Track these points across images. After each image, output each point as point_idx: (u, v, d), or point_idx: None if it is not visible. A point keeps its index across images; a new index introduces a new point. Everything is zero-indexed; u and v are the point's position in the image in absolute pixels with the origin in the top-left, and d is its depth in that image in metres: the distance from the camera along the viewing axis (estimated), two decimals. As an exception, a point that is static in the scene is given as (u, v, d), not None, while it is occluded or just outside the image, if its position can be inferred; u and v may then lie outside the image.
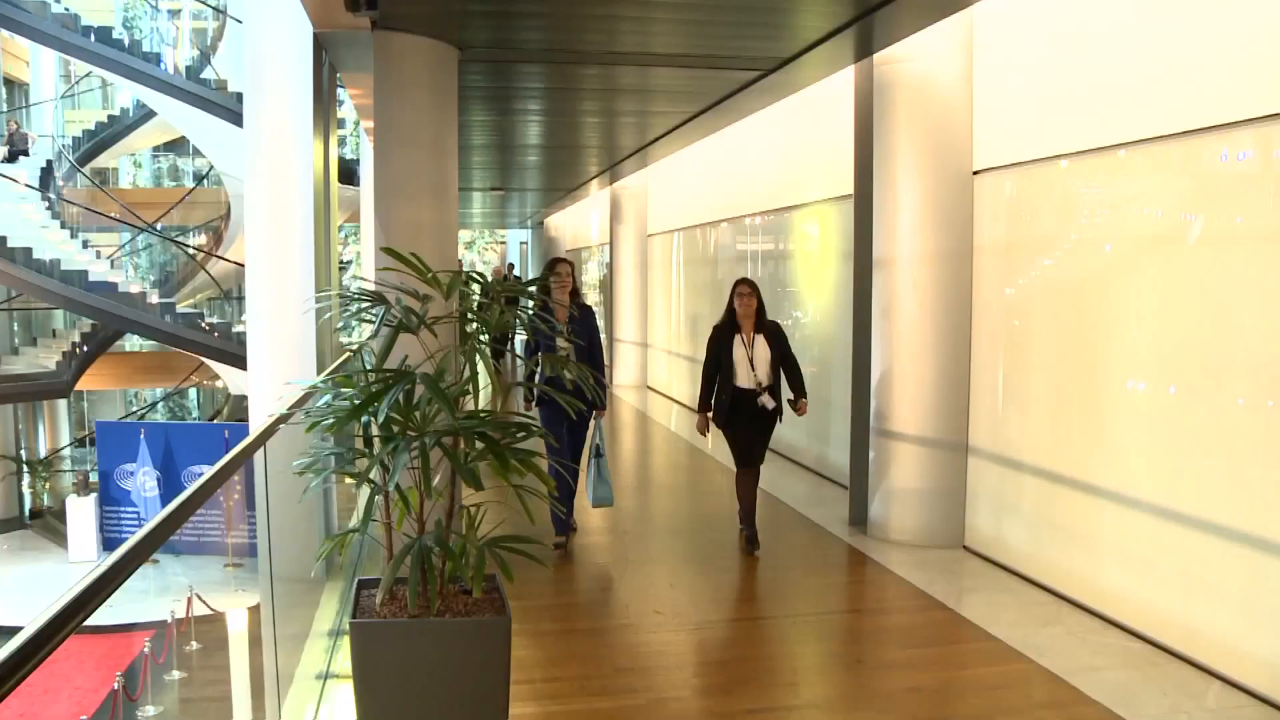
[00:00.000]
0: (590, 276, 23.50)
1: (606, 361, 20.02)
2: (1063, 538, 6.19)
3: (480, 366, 4.16)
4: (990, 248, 6.89)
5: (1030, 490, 6.53)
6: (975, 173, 6.96)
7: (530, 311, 5.33)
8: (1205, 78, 5.09)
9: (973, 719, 4.62)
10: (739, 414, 7.01)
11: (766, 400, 6.95)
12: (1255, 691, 4.74)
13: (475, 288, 4.47)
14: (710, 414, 7.17)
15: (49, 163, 21.80)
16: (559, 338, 6.64)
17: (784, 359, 7.08)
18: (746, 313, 7.02)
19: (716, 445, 11.98)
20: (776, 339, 7.07)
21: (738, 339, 6.99)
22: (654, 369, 17.31)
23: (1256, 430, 4.82)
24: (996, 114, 6.79)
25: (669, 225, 16.10)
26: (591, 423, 7.25)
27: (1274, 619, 4.71)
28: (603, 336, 24.50)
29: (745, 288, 7.05)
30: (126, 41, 18.81)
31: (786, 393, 7.12)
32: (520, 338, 7.95)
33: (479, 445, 3.77)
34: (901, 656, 5.31)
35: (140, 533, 2.44)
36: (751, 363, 6.96)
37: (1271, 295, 4.73)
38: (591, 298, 23.49)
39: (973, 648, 5.46)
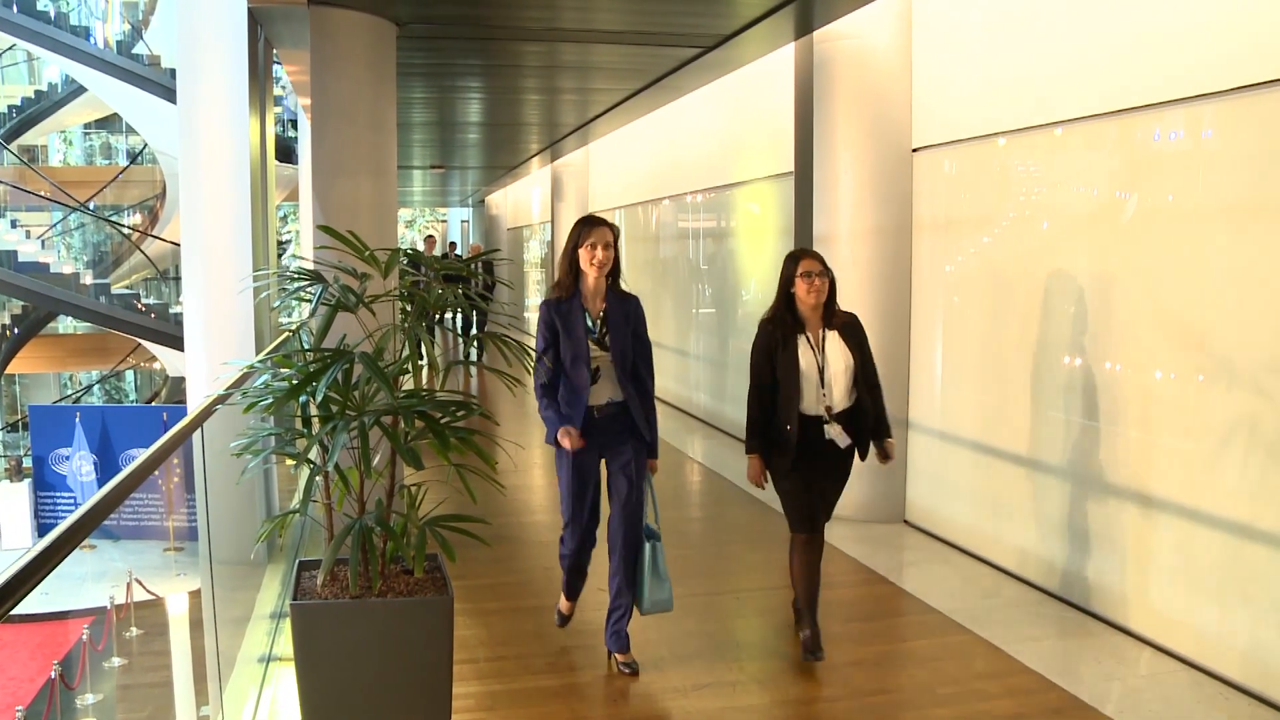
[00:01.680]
0: (532, 255, 23.37)
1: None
2: (1001, 511, 6.28)
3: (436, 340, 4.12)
4: (929, 224, 6.95)
5: (969, 465, 6.62)
6: (914, 150, 7.01)
7: (481, 297, 5.07)
8: (1139, 58, 5.16)
9: (914, 691, 4.68)
10: (803, 455, 4.79)
11: (837, 433, 4.78)
12: (1183, 657, 4.86)
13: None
14: (764, 456, 4.94)
15: (-28, 139, 21.28)
16: (591, 343, 4.59)
17: (864, 369, 4.88)
18: (816, 302, 4.76)
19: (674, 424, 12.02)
20: (855, 338, 4.86)
21: (802, 341, 4.75)
22: (597, 347, 17.27)
23: (1187, 404, 4.92)
24: (935, 91, 6.84)
25: (611, 203, 16.06)
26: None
27: (1199, 586, 4.82)
28: (533, 314, 24.45)
29: (813, 263, 4.76)
30: (53, 14, 18.34)
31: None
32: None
33: (419, 424, 3.75)
34: (843, 630, 5.36)
35: (71, 518, 2.39)
36: (823, 376, 4.73)
37: (1200, 271, 4.83)
38: (533, 276, 23.25)
39: (913, 620, 5.53)
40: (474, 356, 17.13)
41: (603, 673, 4.83)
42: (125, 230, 22.34)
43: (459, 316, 18.52)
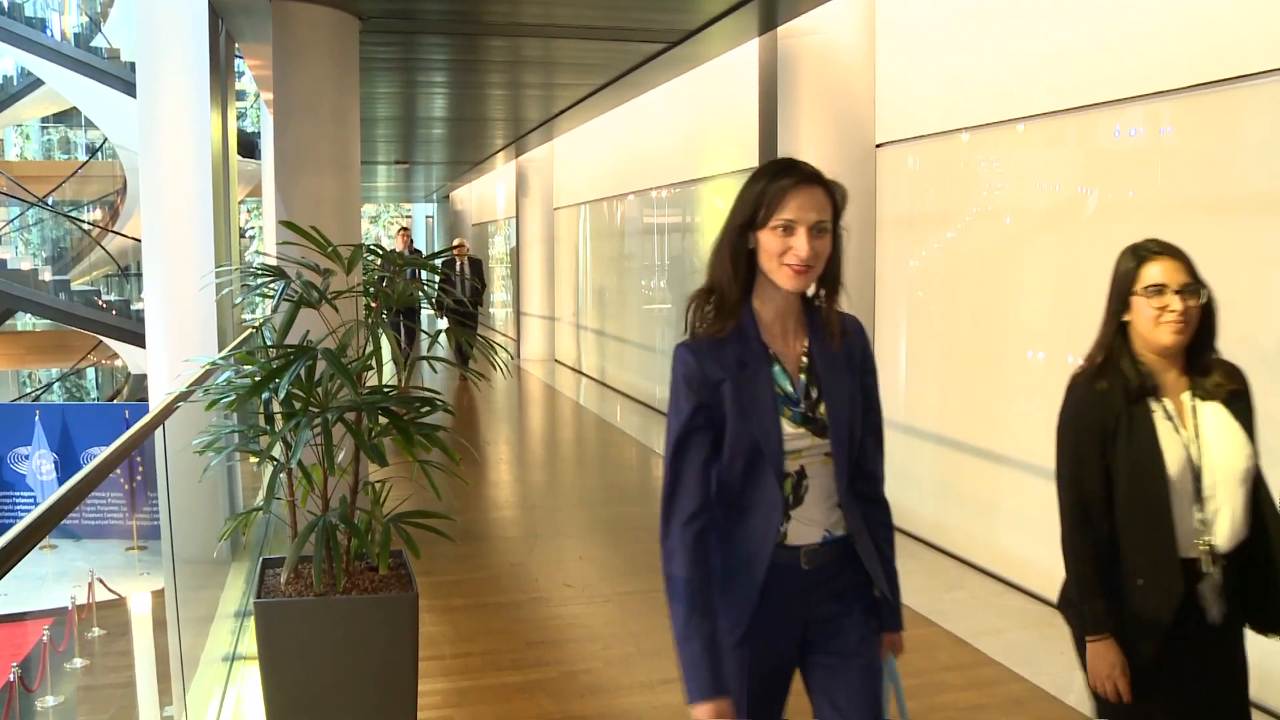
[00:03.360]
0: (497, 250, 23.28)
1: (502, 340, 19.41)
2: (965, 505, 6.33)
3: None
4: (893, 220, 6.99)
5: (933, 459, 6.66)
6: (878, 145, 7.04)
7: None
8: (1099, 55, 5.22)
9: (878, 682, 4.71)
10: (1174, 635, 2.60)
11: (1213, 598, 2.60)
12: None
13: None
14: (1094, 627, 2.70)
15: (-73, 134, 20.95)
16: (787, 422, 2.34)
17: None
18: (1176, 342, 2.65)
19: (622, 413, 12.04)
20: (1245, 411, 2.68)
21: (1159, 415, 2.65)
22: (561, 342, 17.27)
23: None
24: (899, 87, 6.88)
25: (575, 198, 16.05)
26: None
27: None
28: (501, 311, 23.40)
29: (1174, 269, 2.66)
30: (6, 4, 18.06)
31: None
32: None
33: (383, 421, 3.74)
34: (809, 623, 5.39)
35: (30, 517, 2.37)
36: (1198, 483, 2.61)
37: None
38: (498, 272, 23.14)
39: (878, 613, 5.56)
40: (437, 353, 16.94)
41: (568, 668, 4.83)
42: (85, 226, 22.09)
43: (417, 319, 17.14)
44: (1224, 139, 4.59)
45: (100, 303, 17.86)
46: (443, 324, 16.23)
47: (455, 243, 17.14)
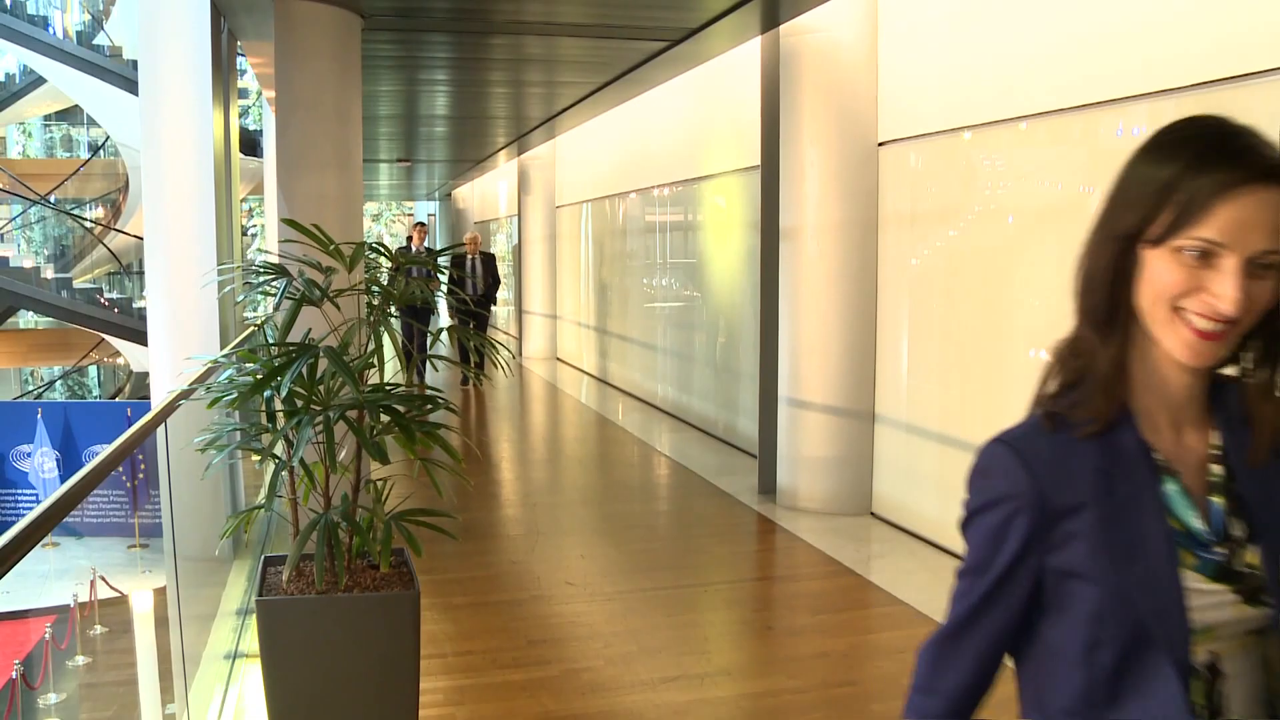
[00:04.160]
0: (499, 248, 23.27)
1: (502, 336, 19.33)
2: (966, 502, 6.32)
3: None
4: (895, 218, 6.99)
5: (935, 457, 6.66)
6: (880, 144, 7.04)
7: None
8: (1102, 53, 5.21)
9: (881, 681, 4.71)
10: None
11: None
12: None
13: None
14: None
15: (-71, 132, 20.96)
16: (1194, 576, 1.27)
17: None
18: None
19: (625, 413, 12.03)
20: None
21: None
22: (563, 340, 17.28)
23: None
24: (901, 85, 6.87)
25: (577, 197, 16.05)
26: None
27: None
28: (504, 309, 23.38)
29: None
30: (9, 2, 18.07)
31: None
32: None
33: (384, 418, 3.74)
34: (811, 622, 5.39)
35: (32, 514, 2.37)
36: None
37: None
38: (500, 270, 23.04)
39: (880, 612, 5.57)
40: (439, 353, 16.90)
41: (570, 667, 4.84)
42: (87, 224, 22.11)
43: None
44: (1227, 137, 4.58)
45: (102, 300, 17.88)
46: (445, 321, 16.09)
47: (466, 237, 15.36)
